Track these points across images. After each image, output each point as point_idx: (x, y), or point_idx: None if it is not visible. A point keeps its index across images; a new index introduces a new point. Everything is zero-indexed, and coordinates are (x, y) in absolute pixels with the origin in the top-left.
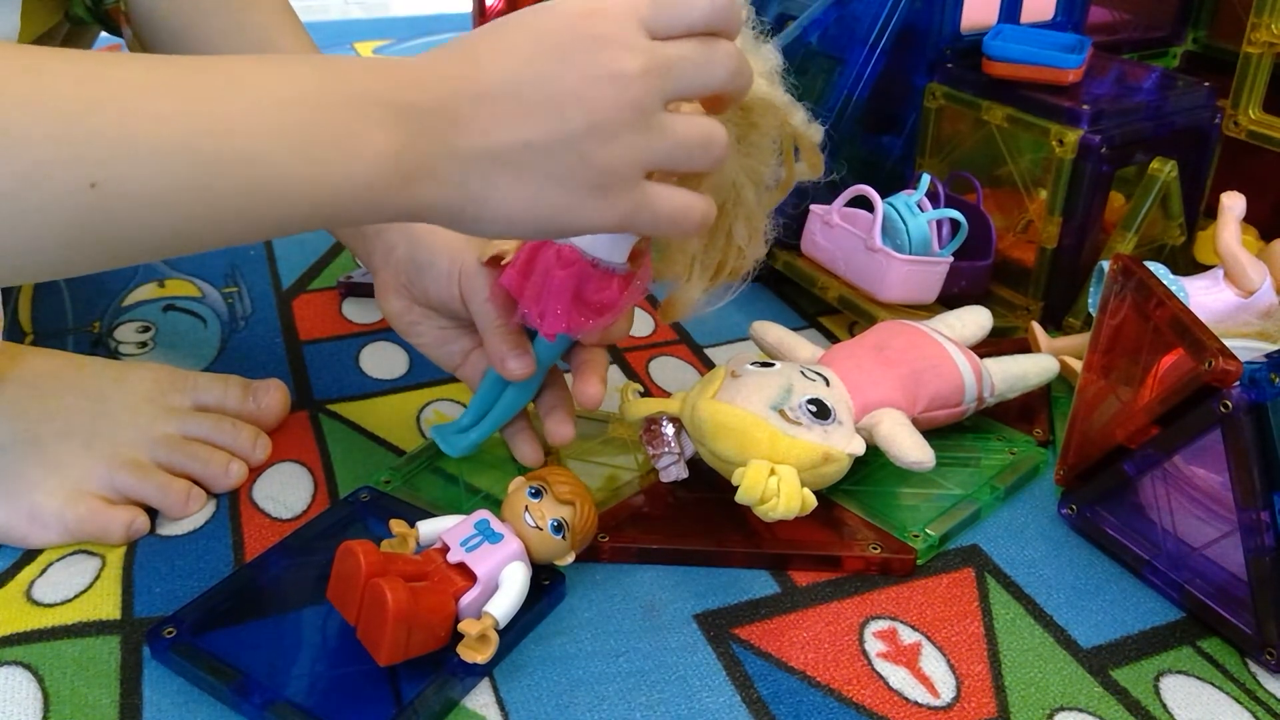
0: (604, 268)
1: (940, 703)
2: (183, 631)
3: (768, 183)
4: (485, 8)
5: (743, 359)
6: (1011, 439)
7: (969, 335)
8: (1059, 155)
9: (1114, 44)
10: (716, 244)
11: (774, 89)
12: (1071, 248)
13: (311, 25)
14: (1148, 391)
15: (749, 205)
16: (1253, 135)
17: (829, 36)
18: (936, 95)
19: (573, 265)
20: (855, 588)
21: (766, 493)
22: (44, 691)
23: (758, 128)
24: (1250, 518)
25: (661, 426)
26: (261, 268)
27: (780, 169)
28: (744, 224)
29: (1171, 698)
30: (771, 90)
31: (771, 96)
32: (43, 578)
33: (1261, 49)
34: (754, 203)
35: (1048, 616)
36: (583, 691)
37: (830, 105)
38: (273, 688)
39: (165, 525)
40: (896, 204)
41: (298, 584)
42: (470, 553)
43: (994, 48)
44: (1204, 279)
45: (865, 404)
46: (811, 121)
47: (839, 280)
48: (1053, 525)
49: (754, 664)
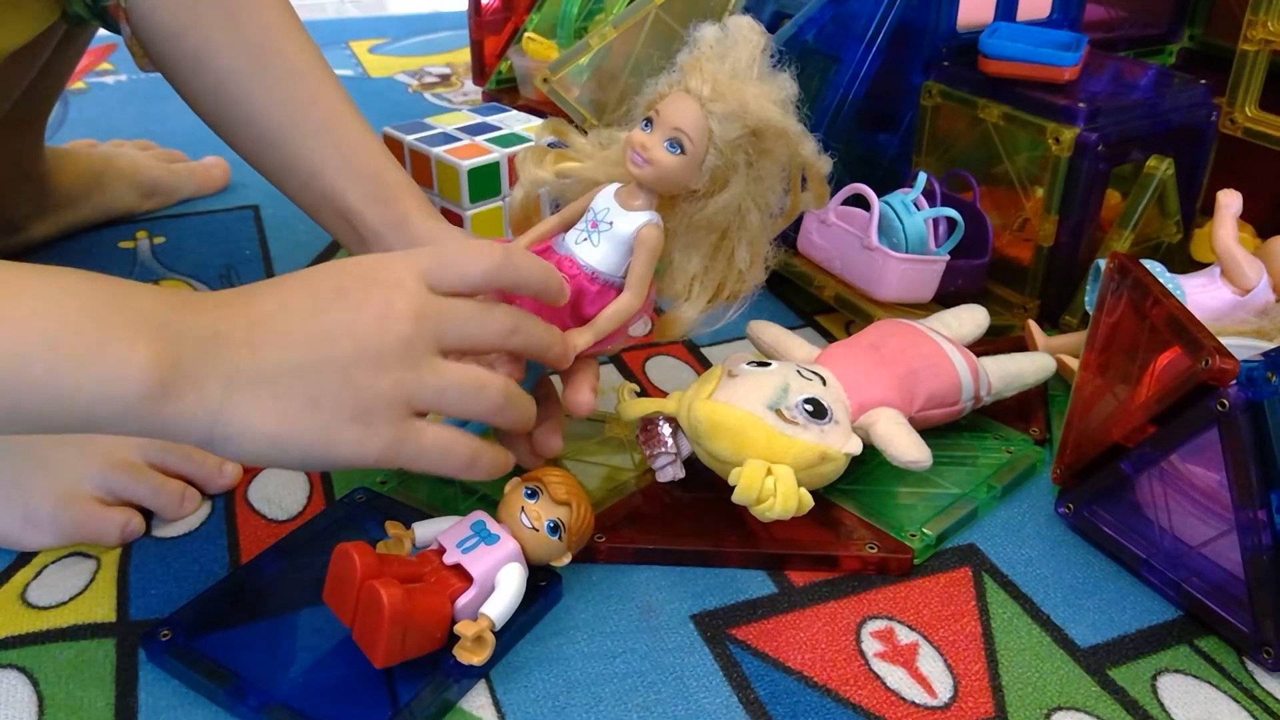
0: (603, 282)
1: (937, 702)
2: (178, 634)
3: (772, 210)
4: (481, 6)
5: (739, 358)
6: (1008, 438)
7: (966, 334)
8: (1055, 153)
9: (1110, 41)
10: (718, 266)
11: (787, 118)
12: (1068, 246)
13: (308, 24)
14: (1144, 390)
15: (753, 230)
16: (1249, 133)
17: (825, 34)
18: (933, 93)
19: (570, 280)
20: (852, 587)
21: (763, 492)
22: (39, 694)
23: (769, 154)
24: (1247, 516)
25: (658, 426)
26: (257, 268)
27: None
28: (747, 248)
29: (1169, 696)
30: (785, 119)
31: (784, 125)
32: (37, 580)
33: (1258, 46)
34: (758, 228)
35: (1045, 616)
36: (579, 692)
37: (826, 103)
38: (268, 690)
39: (160, 527)
40: (893, 202)
41: (293, 586)
42: (466, 554)
43: (990, 45)
44: (1200, 277)
45: (862, 403)
46: (822, 153)
47: (835, 279)
48: (1050, 524)
49: (751, 664)
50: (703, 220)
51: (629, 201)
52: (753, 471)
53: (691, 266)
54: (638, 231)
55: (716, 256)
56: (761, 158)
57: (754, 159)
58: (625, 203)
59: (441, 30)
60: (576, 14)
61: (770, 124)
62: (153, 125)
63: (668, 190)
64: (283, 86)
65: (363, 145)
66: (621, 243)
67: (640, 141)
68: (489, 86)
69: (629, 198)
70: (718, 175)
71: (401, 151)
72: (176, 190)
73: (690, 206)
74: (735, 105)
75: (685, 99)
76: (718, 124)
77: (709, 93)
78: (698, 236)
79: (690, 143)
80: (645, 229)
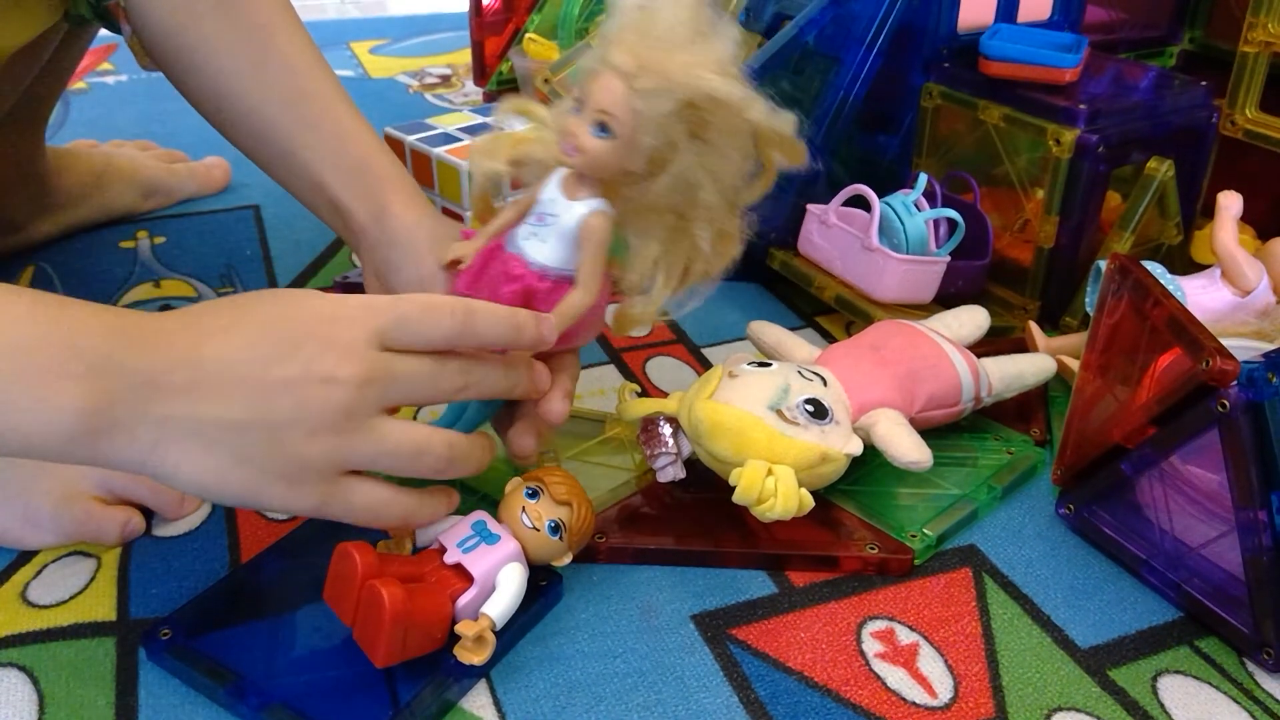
0: (554, 277)
1: (938, 703)
2: (178, 633)
3: (734, 180)
4: (482, 7)
5: (740, 359)
6: (1009, 439)
7: (966, 335)
8: (1056, 155)
9: (1111, 43)
10: (679, 248)
11: (726, 84)
12: (1068, 247)
13: (309, 25)
14: (1145, 391)
15: (710, 206)
16: (1249, 134)
17: (826, 36)
18: (933, 95)
19: (517, 281)
20: (852, 588)
21: (764, 493)
22: (39, 693)
23: (711, 125)
24: (1248, 517)
25: (659, 427)
26: (258, 267)
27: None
28: (705, 225)
29: (1169, 697)
30: (721, 86)
31: (720, 93)
32: (38, 579)
33: (1258, 48)
34: (717, 203)
35: (1045, 616)
36: (580, 692)
37: (827, 105)
38: (269, 690)
39: (161, 526)
40: (894, 203)
41: (294, 585)
42: (467, 554)
43: (991, 47)
44: (1201, 278)
45: (862, 404)
46: (776, 111)
47: (836, 280)
48: (1050, 525)
49: (751, 664)
50: (651, 203)
51: (573, 191)
52: (753, 472)
53: (650, 251)
54: (582, 222)
55: (677, 238)
56: (705, 129)
57: (697, 131)
58: (570, 192)
59: (442, 31)
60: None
61: (702, 93)
62: (154, 125)
63: (605, 176)
64: (277, 83)
65: (353, 138)
66: (568, 235)
67: (569, 128)
68: (490, 87)
69: (573, 187)
70: (656, 155)
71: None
72: (177, 190)
73: (635, 190)
74: (660, 78)
75: (609, 77)
76: (643, 101)
77: (632, 67)
78: (650, 220)
79: (618, 124)
80: (590, 219)
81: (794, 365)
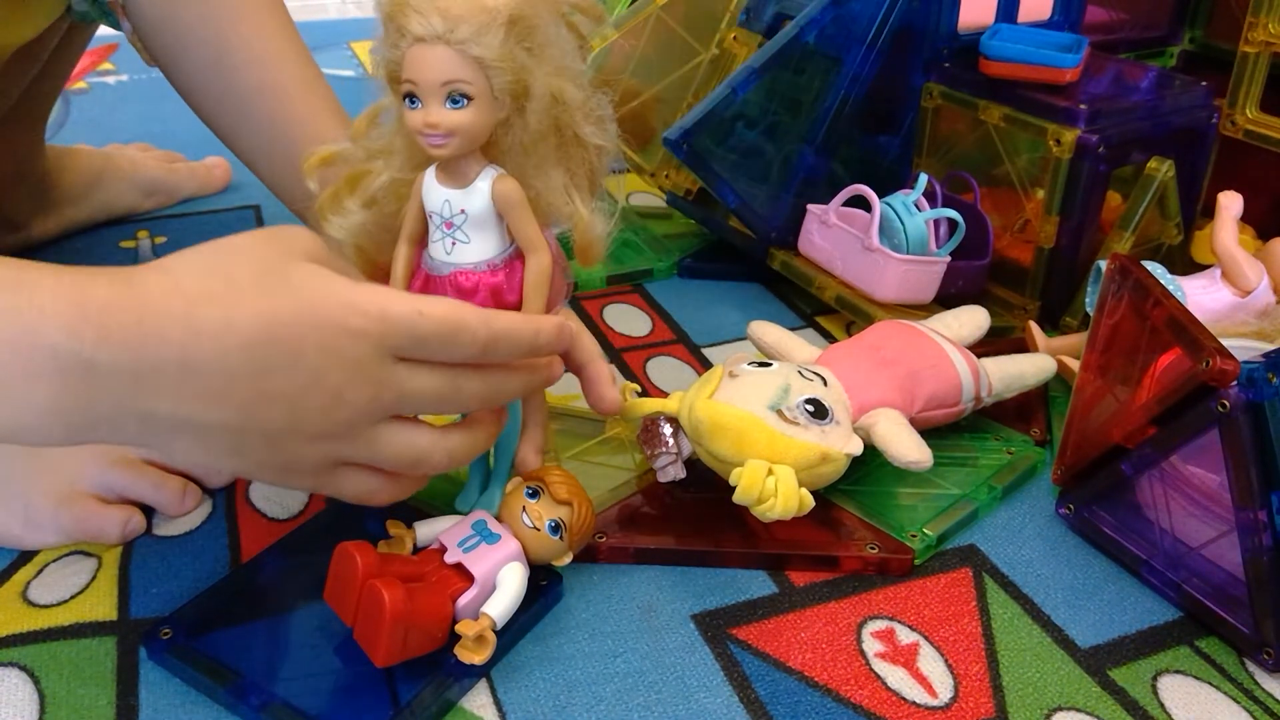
0: (503, 264)
1: (938, 703)
2: (179, 632)
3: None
4: None
5: (740, 359)
6: (1009, 439)
7: (966, 335)
8: (1056, 155)
9: (1111, 43)
10: (575, 158)
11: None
12: (1069, 247)
13: (309, 24)
14: (1145, 391)
15: (577, 100)
16: (1250, 135)
17: (826, 36)
18: (934, 95)
19: (475, 291)
20: (853, 588)
21: (764, 493)
22: (40, 693)
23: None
24: (1248, 517)
25: (659, 426)
26: None
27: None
28: (583, 120)
29: (1169, 697)
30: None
31: None
32: (39, 579)
33: (1259, 48)
34: (577, 95)
35: (1045, 616)
36: (580, 692)
37: (827, 105)
38: (269, 689)
39: (162, 525)
40: (894, 204)
41: (295, 585)
42: (468, 553)
43: (991, 47)
44: (1201, 278)
45: (863, 404)
46: None
47: (836, 280)
48: (1050, 525)
49: (752, 664)
50: (532, 136)
51: (459, 179)
52: (754, 472)
53: (555, 180)
54: (492, 196)
55: (569, 151)
56: (532, 34)
57: (527, 40)
58: (456, 182)
59: None
60: None
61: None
62: (154, 125)
63: (482, 141)
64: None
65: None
66: (486, 219)
67: (423, 122)
68: None
69: (455, 176)
70: (515, 88)
71: None
72: (177, 189)
73: (512, 136)
74: (476, 13)
75: (425, 49)
76: (477, 46)
77: (442, 25)
78: (539, 152)
79: (469, 84)
80: (496, 188)
81: (794, 365)
